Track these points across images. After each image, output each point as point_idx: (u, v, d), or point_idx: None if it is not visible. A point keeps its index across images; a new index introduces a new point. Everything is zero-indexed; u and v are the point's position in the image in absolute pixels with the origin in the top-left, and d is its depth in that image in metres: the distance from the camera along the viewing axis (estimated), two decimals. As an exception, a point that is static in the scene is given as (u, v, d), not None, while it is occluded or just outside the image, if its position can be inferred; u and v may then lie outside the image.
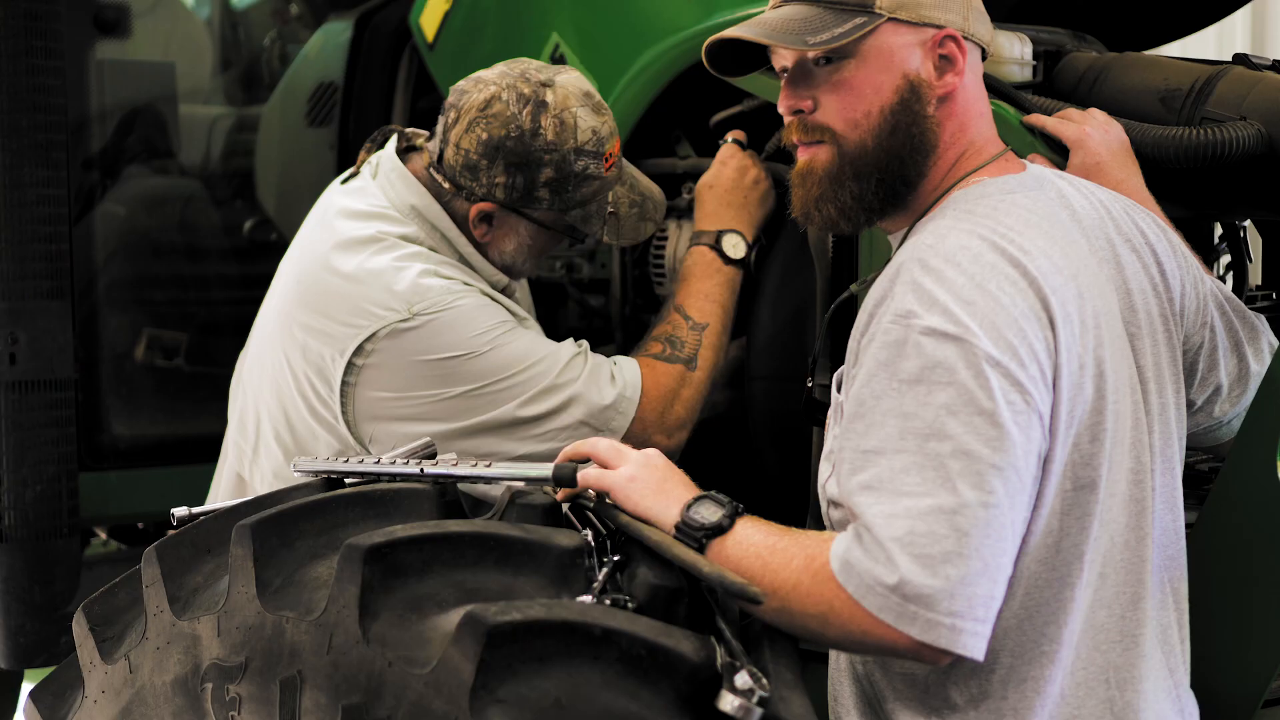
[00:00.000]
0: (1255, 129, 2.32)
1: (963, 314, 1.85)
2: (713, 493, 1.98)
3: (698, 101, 2.96)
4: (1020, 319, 1.87)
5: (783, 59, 2.09)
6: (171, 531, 2.17)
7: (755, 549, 1.90)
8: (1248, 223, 2.75)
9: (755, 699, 1.75)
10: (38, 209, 2.98)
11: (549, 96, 2.62)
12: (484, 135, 2.61)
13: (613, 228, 2.72)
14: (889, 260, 2.03)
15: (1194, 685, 2.08)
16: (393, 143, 2.80)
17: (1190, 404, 2.21)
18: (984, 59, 2.12)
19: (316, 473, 2.24)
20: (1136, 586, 1.99)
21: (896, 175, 2.04)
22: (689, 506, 1.95)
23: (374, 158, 2.81)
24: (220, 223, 4.03)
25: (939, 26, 2.03)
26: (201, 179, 4.02)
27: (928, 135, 2.04)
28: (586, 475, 2.03)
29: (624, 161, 2.76)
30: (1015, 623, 1.93)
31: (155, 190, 3.92)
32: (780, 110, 2.10)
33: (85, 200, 3.67)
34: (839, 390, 2.06)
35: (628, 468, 2.02)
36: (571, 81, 2.66)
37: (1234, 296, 2.28)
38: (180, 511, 2.20)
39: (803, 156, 2.09)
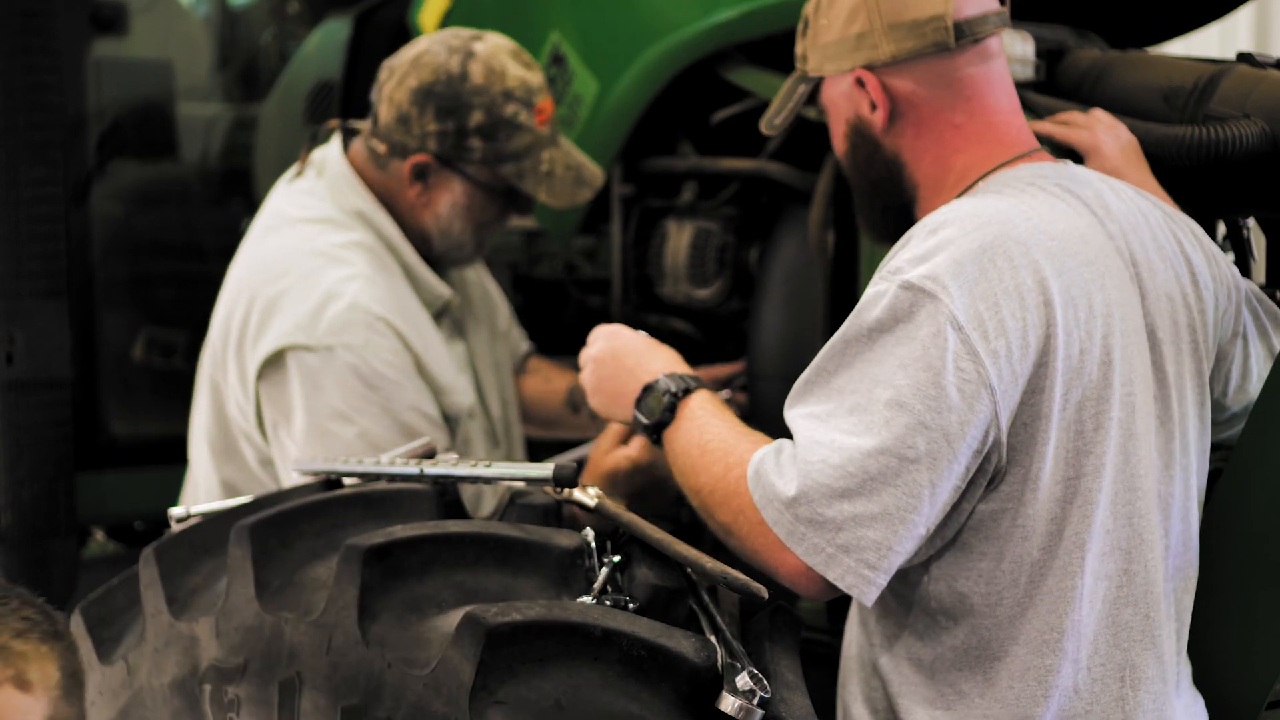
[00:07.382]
0: (1259, 127, 2.31)
1: (945, 274, 1.90)
2: (668, 374, 2.16)
3: (698, 101, 2.95)
4: (1000, 295, 1.90)
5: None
6: (169, 532, 2.16)
7: (692, 446, 2.06)
8: (1251, 221, 2.74)
9: (756, 700, 1.74)
10: (34, 208, 2.97)
11: (477, 47, 2.65)
12: (414, 84, 2.63)
13: (548, 187, 2.68)
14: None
15: (1199, 687, 2.08)
16: (337, 140, 2.78)
17: (1224, 407, 2.22)
18: (999, 36, 2.14)
19: (316, 473, 2.23)
20: (1155, 587, 2.00)
21: (889, 195, 2.19)
22: (638, 402, 2.16)
23: (318, 154, 2.79)
24: (218, 221, 4.02)
25: (849, 71, 2.14)
26: (199, 178, 4.01)
27: (886, 162, 2.16)
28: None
29: (560, 133, 2.75)
30: (1019, 610, 1.95)
31: (153, 189, 3.91)
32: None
33: (82, 199, 3.67)
34: None
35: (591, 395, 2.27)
36: (499, 40, 2.70)
37: (1267, 299, 2.28)
38: (178, 511, 2.19)
39: None
